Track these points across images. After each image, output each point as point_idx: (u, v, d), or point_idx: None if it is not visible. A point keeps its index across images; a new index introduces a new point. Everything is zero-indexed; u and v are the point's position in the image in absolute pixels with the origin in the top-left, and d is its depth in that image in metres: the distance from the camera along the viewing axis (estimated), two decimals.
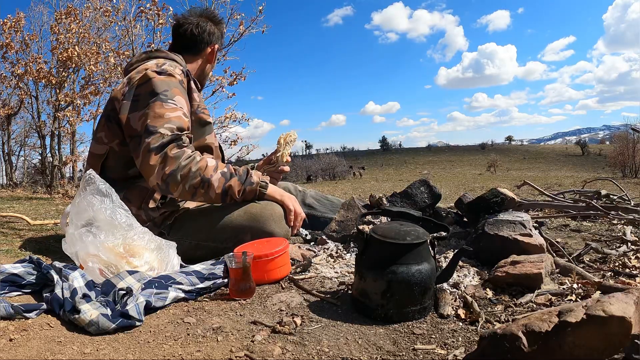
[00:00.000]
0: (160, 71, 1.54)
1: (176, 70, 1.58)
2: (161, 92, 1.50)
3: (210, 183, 1.47)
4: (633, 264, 1.37)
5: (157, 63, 1.59)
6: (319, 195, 2.04)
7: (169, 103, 1.49)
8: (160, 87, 1.50)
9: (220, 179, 1.49)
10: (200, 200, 1.54)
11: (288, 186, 2.02)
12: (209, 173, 1.47)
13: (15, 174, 10.87)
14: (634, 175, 15.73)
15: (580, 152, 44.18)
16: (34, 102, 8.29)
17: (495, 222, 1.47)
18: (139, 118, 1.48)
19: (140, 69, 1.58)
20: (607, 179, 3.90)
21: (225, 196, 1.51)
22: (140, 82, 1.53)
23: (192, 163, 1.45)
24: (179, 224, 1.59)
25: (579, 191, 2.72)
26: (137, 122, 1.49)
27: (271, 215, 1.54)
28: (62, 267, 1.23)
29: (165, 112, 1.47)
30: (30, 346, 0.92)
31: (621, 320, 0.67)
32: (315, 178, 18.91)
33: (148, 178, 1.47)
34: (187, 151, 1.46)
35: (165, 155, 1.43)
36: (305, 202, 1.97)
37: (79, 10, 6.69)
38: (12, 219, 2.75)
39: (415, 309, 1.04)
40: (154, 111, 1.47)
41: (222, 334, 0.97)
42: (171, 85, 1.53)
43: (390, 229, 1.11)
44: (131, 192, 1.57)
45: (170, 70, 1.56)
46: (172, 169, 1.43)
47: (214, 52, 1.83)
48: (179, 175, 1.43)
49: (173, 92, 1.52)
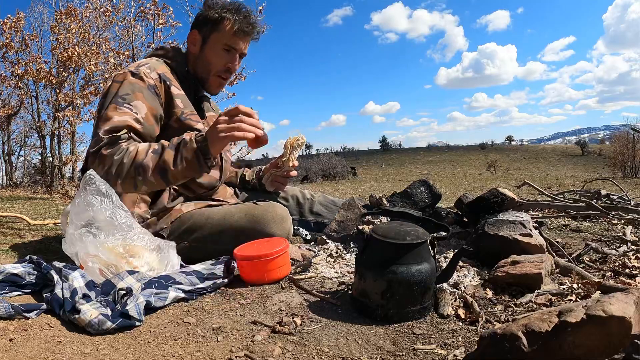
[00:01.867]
0: (135, 72, 1.52)
1: (152, 74, 1.54)
2: (121, 95, 1.47)
3: (143, 166, 1.37)
4: (633, 264, 1.37)
5: (139, 63, 1.57)
6: (327, 201, 1.99)
7: (124, 107, 1.45)
8: (123, 90, 1.48)
9: (153, 158, 1.38)
10: (143, 189, 1.43)
11: (296, 192, 2.00)
12: (140, 157, 1.37)
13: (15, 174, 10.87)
14: (634, 175, 15.73)
15: (580, 152, 44.19)
16: (34, 102, 8.30)
17: (495, 222, 1.47)
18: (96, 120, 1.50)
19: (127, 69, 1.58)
20: (607, 179, 3.90)
21: (164, 174, 1.38)
22: (111, 83, 1.53)
23: (124, 154, 1.37)
24: (178, 226, 1.57)
25: (579, 191, 2.71)
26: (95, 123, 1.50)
27: (273, 217, 1.53)
28: (62, 267, 1.23)
29: (114, 115, 1.43)
30: (30, 346, 0.92)
31: (621, 320, 0.67)
32: (315, 178, 18.90)
33: None
34: (122, 145, 1.39)
35: (100, 156, 1.39)
36: (313, 211, 1.94)
37: (79, 10, 6.70)
38: (12, 219, 2.75)
39: (415, 309, 1.04)
40: (106, 113, 1.44)
41: (222, 334, 0.97)
42: (135, 89, 1.48)
43: (390, 229, 1.11)
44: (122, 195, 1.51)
45: (143, 73, 1.52)
46: (107, 166, 1.38)
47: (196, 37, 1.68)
48: (114, 171, 1.37)
49: (134, 96, 1.47)
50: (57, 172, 7.06)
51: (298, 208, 1.95)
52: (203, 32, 1.68)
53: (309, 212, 1.94)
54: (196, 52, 1.70)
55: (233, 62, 1.71)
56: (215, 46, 1.67)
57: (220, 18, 1.65)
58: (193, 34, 1.70)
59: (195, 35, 1.69)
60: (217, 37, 1.66)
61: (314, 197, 2.00)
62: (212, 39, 1.67)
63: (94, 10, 6.70)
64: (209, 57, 1.69)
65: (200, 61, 1.70)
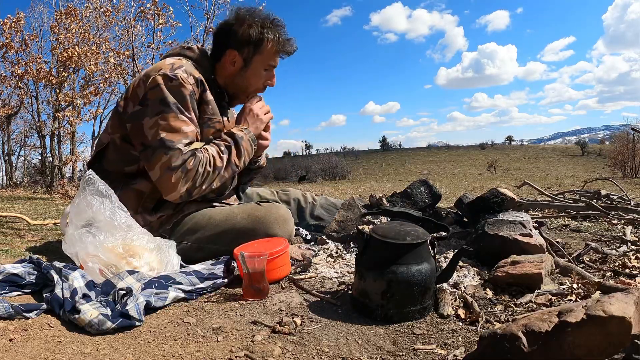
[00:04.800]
0: (173, 77, 1.46)
1: (189, 79, 1.49)
2: (174, 103, 1.45)
3: (220, 169, 1.52)
4: (633, 264, 1.37)
5: (173, 65, 1.50)
6: (328, 204, 1.97)
7: (183, 116, 1.46)
8: (173, 97, 1.45)
9: (225, 159, 1.53)
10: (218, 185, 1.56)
11: (298, 195, 1.98)
12: (218, 162, 1.51)
13: (15, 174, 10.88)
14: (634, 175, 15.72)
15: (580, 152, 44.18)
16: (34, 102, 8.30)
17: (495, 222, 1.47)
18: (151, 127, 1.44)
19: (157, 66, 1.52)
20: (607, 179, 3.90)
21: (234, 169, 1.58)
22: (152, 86, 1.47)
23: (206, 164, 1.48)
24: (180, 226, 1.57)
25: (579, 191, 2.72)
26: (149, 131, 1.44)
27: (275, 218, 1.52)
28: (62, 267, 1.23)
29: (182, 125, 1.45)
30: (30, 346, 0.92)
31: (621, 320, 0.67)
32: (315, 178, 18.88)
33: (167, 194, 1.47)
34: (199, 156, 1.47)
35: (185, 171, 1.44)
36: (314, 214, 1.92)
37: (79, 10, 6.70)
38: (12, 219, 2.75)
39: (415, 309, 1.04)
40: (169, 124, 1.44)
41: (222, 334, 0.97)
42: (184, 96, 1.47)
43: (390, 229, 1.11)
44: (127, 194, 1.51)
45: (182, 77, 1.47)
46: (193, 179, 1.46)
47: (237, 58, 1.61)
48: (197, 182, 1.48)
49: (186, 104, 1.47)
50: (57, 172, 7.07)
51: (299, 212, 1.93)
52: (244, 53, 1.61)
53: (310, 216, 1.91)
54: (234, 72, 1.64)
55: (272, 79, 1.70)
56: (258, 69, 1.64)
57: (263, 39, 1.59)
58: (233, 55, 1.61)
59: (236, 57, 1.61)
60: (261, 59, 1.62)
61: (316, 201, 1.98)
62: (254, 61, 1.62)
63: (94, 10, 6.71)
64: (249, 79, 1.65)
65: (238, 80, 1.66)
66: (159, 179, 1.45)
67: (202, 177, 1.48)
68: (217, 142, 1.55)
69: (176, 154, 1.42)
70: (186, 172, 1.44)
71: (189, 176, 1.45)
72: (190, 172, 1.45)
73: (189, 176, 1.45)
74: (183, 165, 1.43)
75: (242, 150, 1.57)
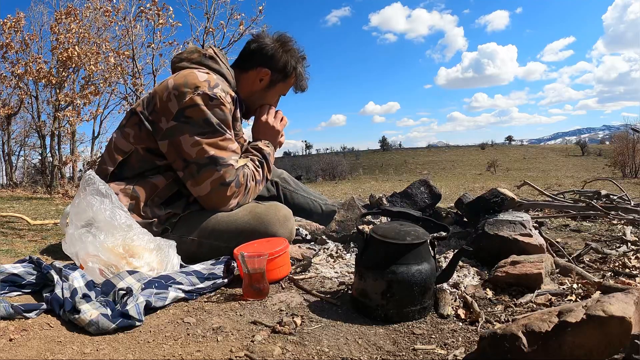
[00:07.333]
0: (213, 97, 1.50)
1: (227, 98, 1.55)
2: (217, 123, 1.52)
3: (259, 184, 1.68)
4: (633, 264, 1.37)
5: (209, 82, 1.52)
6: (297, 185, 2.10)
7: (227, 134, 1.55)
8: (216, 117, 1.51)
9: (261, 172, 1.67)
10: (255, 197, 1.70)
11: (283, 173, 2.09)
12: (257, 176, 1.65)
13: (15, 174, 10.88)
14: (634, 175, 15.71)
15: (580, 152, 44.18)
16: (34, 102, 8.31)
17: (495, 222, 1.47)
18: (193, 144, 1.49)
19: (189, 81, 1.52)
20: (607, 179, 3.89)
21: (265, 180, 1.72)
22: (189, 104, 1.49)
23: (251, 179, 1.61)
24: (183, 221, 1.57)
25: (579, 191, 2.72)
26: (191, 148, 1.49)
27: (276, 216, 1.54)
28: (62, 267, 1.23)
29: (228, 144, 1.54)
30: (30, 346, 0.92)
31: (621, 320, 0.67)
32: (316, 178, 18.87)
33: (219, 207, 1.55)
34: (246, 171, 1.58)
35: (239, 185, 1.55)
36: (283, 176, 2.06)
37: (79, 10, 6.70)
38: (12, 219, 2.75)
39: (415, 309, 1.04)
40: (216, 142, 1.51)
41: (222, 334, 0.97)
42: (226, 115, 1.54)
43: (390, 229, 1.11)
44: (141, 186, 1.53)
45: (222, 97, 1.52)
46: (244, 193, 1.59)
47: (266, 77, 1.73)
48: (247, 195, 1.60)
49: (227, 122, 1.55)
50: (57, 172, 7.07)
51: None
52: (274, 76, 1.74)
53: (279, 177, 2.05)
54: (258, 89, 1.75)
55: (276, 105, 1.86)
56: (276, 93, 1.81)
57: (292, 71, 1.76)
58: (264, 73, 1.72)
59: (266, 76, 1.73)
60: (282, 86, 1.79)
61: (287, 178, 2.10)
62: (278, 86, 1.78)
63: (94, 10, 6.71)
64: (267, 98, 1.79)
65: (256, 97, 1.78)
66: (209, 194, 1.52)
67: (250, 190, 1.61)
68: (252, 158, 1.67)
69: (230, 169, 1.52)
70: (239, 186, 1.55)
71: (240, 190, 1.56)
72: (242, 187, 1.57)
73: (240, 190, 1.56)
74: (236, 180, 1.54)
75: (270, 164, 1.73)
